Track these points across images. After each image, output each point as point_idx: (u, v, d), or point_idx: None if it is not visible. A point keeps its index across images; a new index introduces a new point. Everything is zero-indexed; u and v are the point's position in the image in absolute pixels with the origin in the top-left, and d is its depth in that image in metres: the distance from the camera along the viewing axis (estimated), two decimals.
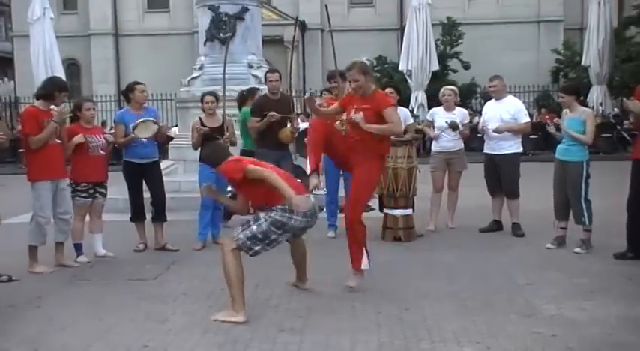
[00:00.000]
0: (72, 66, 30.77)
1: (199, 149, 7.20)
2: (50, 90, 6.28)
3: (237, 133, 8.06)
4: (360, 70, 5.20)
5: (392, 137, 7.38)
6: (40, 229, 6.17)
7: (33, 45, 17.43)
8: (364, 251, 5.33)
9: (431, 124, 7.97)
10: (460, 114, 7.92)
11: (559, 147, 6.79)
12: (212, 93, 7.40)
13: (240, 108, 8.32)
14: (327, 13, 7.33)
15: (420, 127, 8.12)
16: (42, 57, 17.22)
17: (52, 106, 6.36)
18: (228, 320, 4.55)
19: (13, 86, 31.63)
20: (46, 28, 17.20)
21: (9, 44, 35.50)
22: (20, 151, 18.47)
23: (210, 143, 5.74)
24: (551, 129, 7.19)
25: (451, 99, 7.89)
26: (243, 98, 8.45)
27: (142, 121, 6.75)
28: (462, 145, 7.91)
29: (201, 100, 7.34)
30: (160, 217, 7.06)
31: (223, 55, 11.07)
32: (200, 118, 7.25)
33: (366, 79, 5.20)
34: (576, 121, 6.59)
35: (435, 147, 7.95)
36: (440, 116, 7.85)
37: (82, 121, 6.62)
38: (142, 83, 7.16)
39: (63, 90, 6.38)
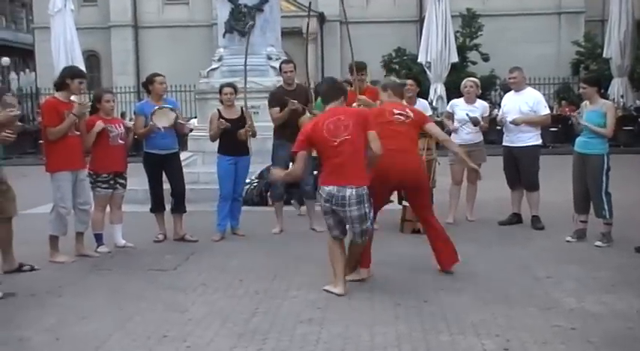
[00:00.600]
0: (92, 58, 31.01)
1: (218, 140, 7.26)
2: (62, 78, 6.32)
3: (261, 124, 8.07)
4: None
5: None
6: (60, 219, 6.23)
7: (54, 37, 17.52)
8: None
9: (451, 115, 7.92)
10: (481, 107, 7.85)
11: (578, 139, 6.72)
12: (230, 84, 7.41)
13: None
14: (342, 4, 7.31)
15: (439, 119, 8.06)
16: (62, 49, 17.29)
17: (73, 97, 6.40)
18: (330, 290, 4.97)
19: (34, 78, 31.95)
20: (67, 20, 17.27)
21: (30, 36, 35.87)
22: (40, 142, 18.67)
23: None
24: (575, 121, 7.09)
25: (473, 91, 7.82)
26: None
27: (159, 108, 6.79)
28: (482, 137, 7.85)
29: (220, 92, 7.35)
30: (179, 208, 7.10)
31: (243, 46, 11.13)
32: (218, 110, 7.26)
33: None
34: (597, 113, 6.52)
35: (454, 139, 7.87)
36: (460, 108, 7.80)
37: (102, 112, 6.64)
38: (161, 75, 7.19)
39: (76, 77, 6.38)
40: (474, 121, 7.56)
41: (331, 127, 4.94)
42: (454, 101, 8.15)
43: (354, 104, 7.26)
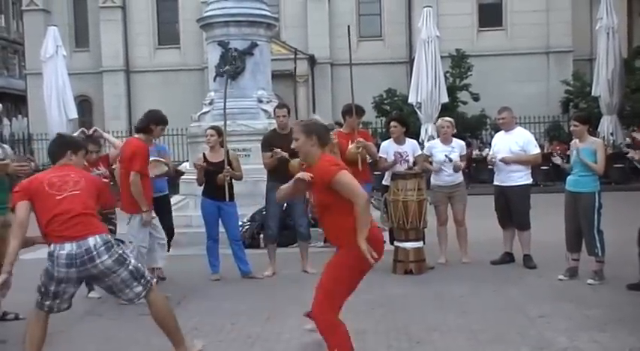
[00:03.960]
0: (84, 102, 31.19)
1: (203, 185, 7.31)
2: (147, 122, 6.51)
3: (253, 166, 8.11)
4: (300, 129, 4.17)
5: (402, 169, 7.50)
6: (142, 258, 6.33)
7: (46, 82, 17.65)
8: None
9: (427, 158, 7.91)
10: (457, 146, 7.86)
11: (569, 178, 6.78)
12: (214, 127, 7.48)
13: None
14: (349, 38, 7.39)
15: (430, 159, 8.09)
16: (54, 94, 17.41)
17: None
18: None
19: (26, 123, 32.02)
20: (59, 66, 17.42)
21: (22, 82, 36.08)
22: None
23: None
24: (557, 160, 7.17)
25: (449, 131, 7.85)
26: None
27: (154, 160, 6.81)
28: (462, 178, 7.89)
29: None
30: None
31: (234, 90, 11.27)
32: (204, 154, 7.33)
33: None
34: (587, 150, 6.59)
35: (435, 180, 7.87)
36: (438, 150, 7.81)
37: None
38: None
39: (160, 123, 6.56)
40: (455, 168, 7.61)
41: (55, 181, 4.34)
42: (431, 143, 8.23)
43: (351, 146, 7.31)
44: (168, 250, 7.18)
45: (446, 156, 7.66)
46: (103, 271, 4.17)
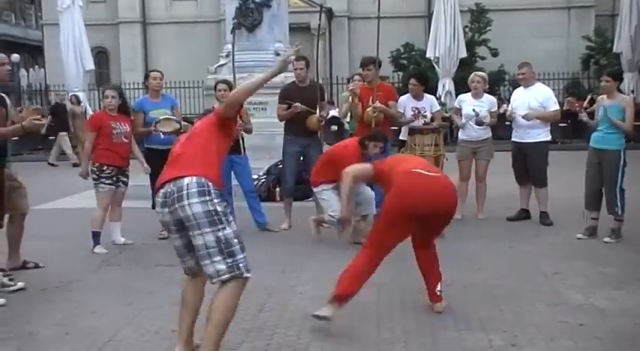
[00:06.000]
0: (100, 54, 31.09)
1: None
2: None
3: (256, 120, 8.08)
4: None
5: (420, 124, 7.42)
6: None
7: (62, 33, 17.59)
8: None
9: (458, 111, 7.89)
10: (488, 102, 7.81)
11: (594, 135, 6.66)
12: (225, 81, 7.41)
13: None
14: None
15: (447, 114, 8.03)
16: (71, 45, 17.38)
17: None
18: None
19: (43, 74, 32.05)
20: (75, 17, 17.34)
21: (39, 33, 35.99)
22: (51, 137, 18.73)
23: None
24: (584, 116, 7.06)
25: (480, 86, 7.79)
26: None
27: (165, 118, 6.77)
28: (490, 133, 7.81)
29: (215, 89, 7.37)
30: None
31: (251, 42, 11.18)
32: (214, 107, 7.28)
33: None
34: (616, 107, 6.48)
35: (461, 135, 7.86)
36: (468, 103, 7.77)
37: (106, 108, 6.67)
38: (157, 71, 7.28)
39: None
40: (478, 122, 7.53)
41: None
42: (461, 96, 8.13)
43: (369, 109, 7.11)
44: None
45: (473, 110, 7.59)
46: (188, 217, 3.46)
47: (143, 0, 31.45)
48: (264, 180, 9.24)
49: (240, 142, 7.08)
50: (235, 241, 3.53)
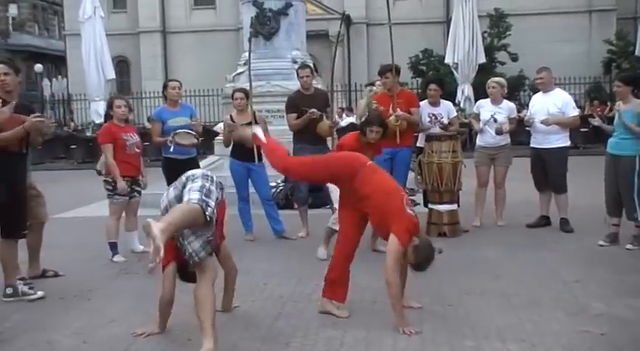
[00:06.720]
0: (121, 63, 31.46)
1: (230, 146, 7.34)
2: None
3: (274, 128, 8.08)
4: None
5: (436, 131, 7.37)
6: None
7: (84, 43, 17.75)
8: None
9: (477, 116, 7.85)
10: (506, 108, 7.73)
11: (610, 140, 6.61)
12: (242, 90, 7.41)
13: None
14: (388, 6, 7.22)
15: (466, 120, 7.96)
16: (93, 55, 17.53)
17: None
18: None
19: (66, 84, 32.45)
20: (97, 27, 17.49)
21: (62, 43, 36.47)
22: (73, 147, 18.89)
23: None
24: (596, 121, 6.99)
25: (496, 91, 7.72)
26: None
27: (185, 133, 6.81)
28: (508, 139, 7.74)
29: (232, 97, 7.40)
30: None
31: (268, 50, 11.22)
32: (231, 116, 7.33)
33: None
34: (630, 112, 6.40)
35: (479, 141, 7.80)
36: (486, 109, 7.71)
37: (115, 119, 6.61)
38: (175, 80, 7.30)
39: None
40: (497, 131, 7.47)
41: None
42: (480, 102, 8.07)
43: (391, 118, 6.89)
44: None
45: (492, 116, 7.54)
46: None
47: (163, 9, 31.79)
48: (282, 187, 9.24)
49: (255, 150, 7.08)
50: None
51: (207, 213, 3.97)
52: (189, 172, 4.36)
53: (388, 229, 4.30)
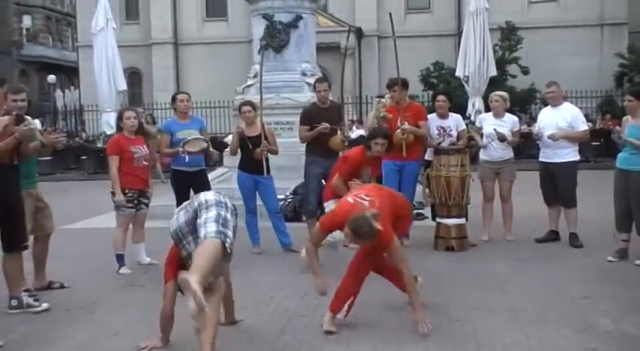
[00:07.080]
0: (133, 75, 31.66)
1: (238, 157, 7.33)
2: None
3: (283, 140, 8.07)
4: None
5: (445, 145, 7.35)
6: None
7: (96, 55, 17.88)
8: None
9: (479, 130, 7.81)
10: (509, 121, 7.69)
11: (620, 155, 6.56)
12: (249, 103, 7.40)
13: None
14: (391, 20, 7.24)
15: (469, 133, 7.90)
16: (105, 66, 17.65)
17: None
18: None
19: (78, 95, 32.67)
20: (109, 38, 17.62)
21: (75, 54, 36.75)
22: (83, 157, 18.97)
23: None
24: (616, 136, 6.92)
25: (499, 105, 7.68)
26: None
27: (194, 138, 6.83)
28: (512, 153, 7.69)
29: (239, 110, 7.39)
30: None
31: (278, 63, 11.24)
32: (242, 127, 7.34)
33: None
34: (636, 128, 6.35)
35: (483, 156, 7.74)
36: (489, 123, 7.67)
37: (125, 130, 6.63)
38: (184, 93, 7.33)
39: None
40: (500, 138, 7.44)
41: None
42: (483, 115, 8.06)
43: (397, 132, 6.90)
44: None
45: (494, 129, 7.50)
46: None
47: (175, 21, 31.99)
48: (290, 200, 9.23)
49: (264, 162, 7.09)
50: None
51: (226, 245, 3.99)
52: (202, 197, 4.24)
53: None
